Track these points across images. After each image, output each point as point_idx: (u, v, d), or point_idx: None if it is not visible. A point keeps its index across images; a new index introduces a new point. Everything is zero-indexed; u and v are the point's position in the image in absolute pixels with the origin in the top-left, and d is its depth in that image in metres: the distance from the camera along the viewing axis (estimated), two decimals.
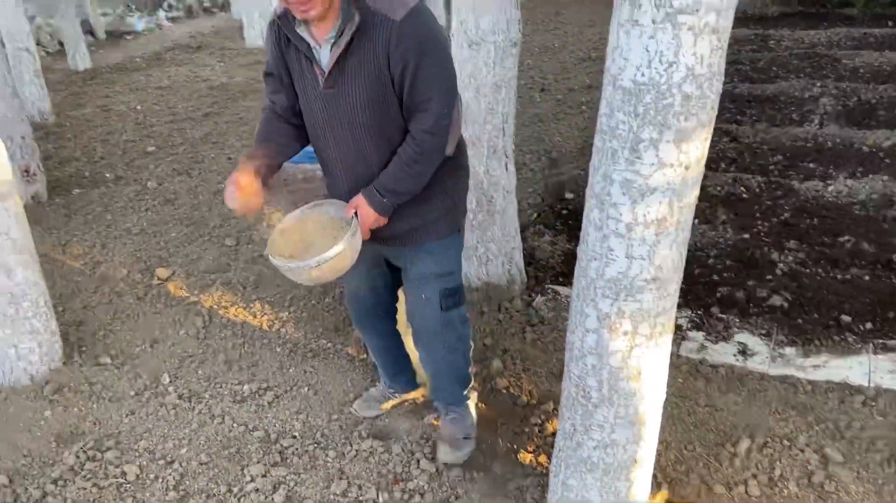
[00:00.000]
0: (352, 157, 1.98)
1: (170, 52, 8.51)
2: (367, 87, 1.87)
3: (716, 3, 1.36)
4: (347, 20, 1.81)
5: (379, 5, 1.82)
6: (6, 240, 2.57)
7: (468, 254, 3.18)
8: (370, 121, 1.91)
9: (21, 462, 2.39)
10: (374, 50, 1.83)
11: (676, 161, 1.48)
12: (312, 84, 1.93)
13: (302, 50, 1.90)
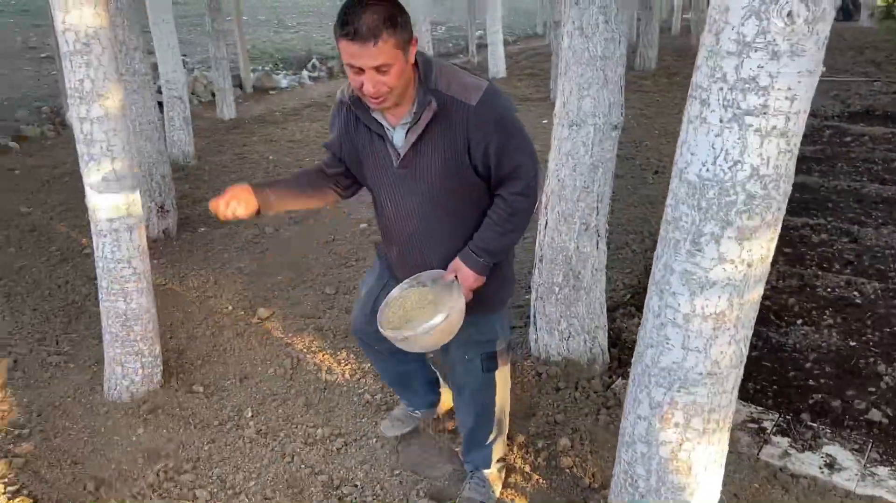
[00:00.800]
0: (419, 228, 2.09)
1: (307, 109, 9.12)
2: (442, 166, 1.97)
3: (785, 107, 1.38)
4: (425, 105, 1.90)
5: (452, 90, 1.91)
6: (128, 268, 2.84)
7: (550, 327, 3.21)
8: (442, 197, 2.02)
9: (108, 472, 2.59)
10: (451, 133, 1.93)
11: (738, 258, 1.49)
12: (385, 163, 2.03)
13: (374, 129, 2.00)
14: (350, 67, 1.80)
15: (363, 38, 1.72)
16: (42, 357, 3.38)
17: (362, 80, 1.80)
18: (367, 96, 1.85)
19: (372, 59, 1.75)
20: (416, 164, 1.99)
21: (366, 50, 1.74)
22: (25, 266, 4.40)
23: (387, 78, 1.79)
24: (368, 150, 2.06)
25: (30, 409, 2.97)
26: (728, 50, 1.38)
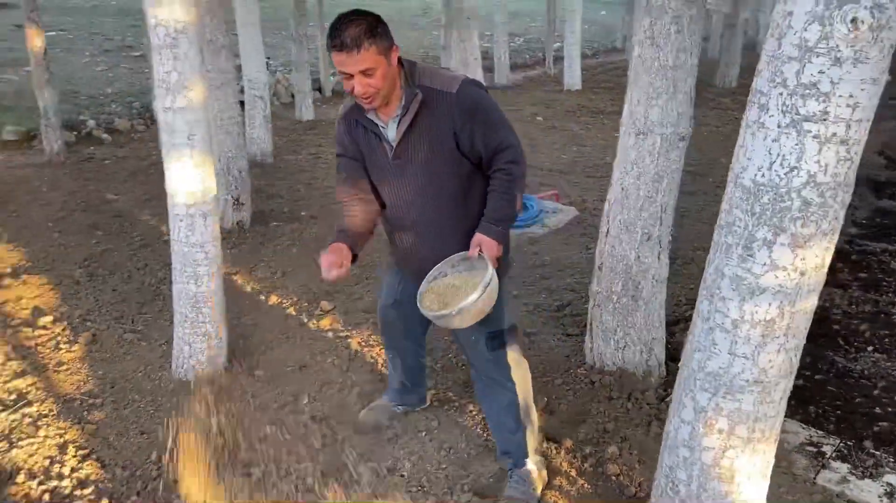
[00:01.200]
0: (417, 216, 2.29)
1: None
2: (431, 153, 2.19)
3: (846, 114, 1.37)
4: (411, 98, 2.14)
5: (435, 83, 2.16)
6: (200, 252, 2.99)
7: (606, 335, 3.20)
8: (434, 184, 2.23)
9: (171, 445, 2.72)
10: (437, 121, 2.16)
11: (791, 265, 1.48)
12: (383, 158, 2.26)
13: (370, 129, 2.24)
14: (342, 74, 2.08)
15: (348, 48, 2.00)
16: (118, 334, 3.57)
17: (353, 84, 2.07)
18: (358, 97, 2.11)
19: (357, 65, 2.02)
20: (407, 154, 2.22)
21: (351, 58, 2.01)
22: (109, 250, 4.64)
23: (373, 80, 2.06)
24: (368, 149, 2.30)
25: (104, 381, 3.15)
26: (789, 55, 1.38)
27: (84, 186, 5.95)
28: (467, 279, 2.18)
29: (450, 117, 2.15)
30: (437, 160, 2.20)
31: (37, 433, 2.78)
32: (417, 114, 2.15)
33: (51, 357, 3.34)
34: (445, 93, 2.15)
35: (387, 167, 2.27)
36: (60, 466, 2.60)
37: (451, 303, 2.12)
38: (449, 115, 2.15)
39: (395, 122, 2.20)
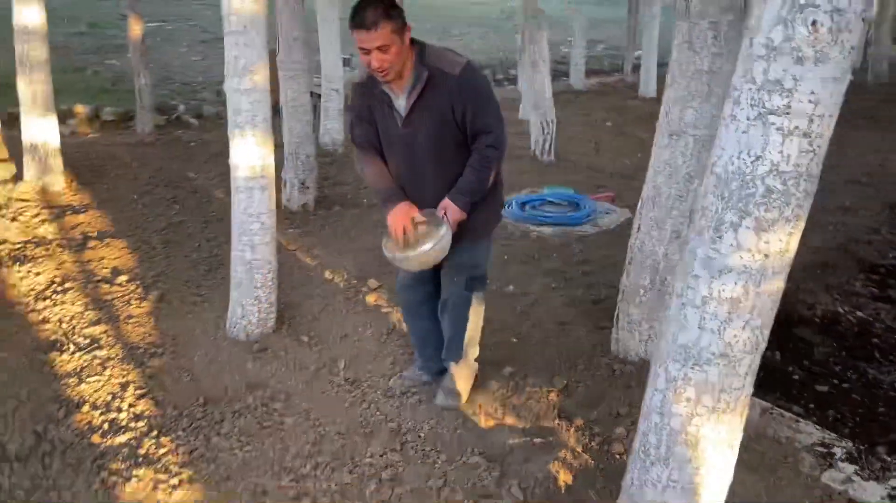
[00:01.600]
0: (420, 177, 2.68)
1: None
2: (433, 124, 2.58)
3: (808, 109, 1.50)
4: (419, 75, 2.51)
5: (440, 64, 2.52)
6: (256, 222, 3.28)
7: (631, 327, 3.32)
8: (435, 149, 2.62)
9: (218, 393, 3.02)
10: (440, 97, 2.52)
11: (755, 248, 1.61)
12: (394, 126, 2.64)
13: (385, 101, 2.61)
14: (361, 50, 2.42)
15: (367, 27, 2.36)
16: (183, 295, 3.91)
17: (370, 59, 2.42)
18: (374, 70, 2.46)
19: (374, 42, 2.38)
20: (414, 124, 2.59)
21: (369, 35, 2.37)
22: (184, 221, 5.04)
23: (387, 56, 2.41)
24: (381, 116, 2.67)
25: (166, 334, 3.48)
26: (758, 53, 1.52)
27: (169, 164, 6.41)
28: (427, 231, 2.60)
29: (450, 95, 2.51)
30: (439, 130, 2.58)
31: (103, 373, 3.13)
32: (424, 89, 2.51)
33: (122, 310, 3.71)
34: (449, 74, 2.50)
35: (396, 133, 2.64)
36: (120, 401, 2.93)
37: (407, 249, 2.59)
38: (449, 93, 2.51)
39: (405, 95, 2.56)
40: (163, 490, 2.46)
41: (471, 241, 2.77)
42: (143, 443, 2.69)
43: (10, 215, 4.84)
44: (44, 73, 5.24)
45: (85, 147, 6.77)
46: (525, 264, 4.63)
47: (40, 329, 3.47)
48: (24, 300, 3.74)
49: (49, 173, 5.35)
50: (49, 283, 3.93)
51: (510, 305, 3.97)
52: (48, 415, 2.82)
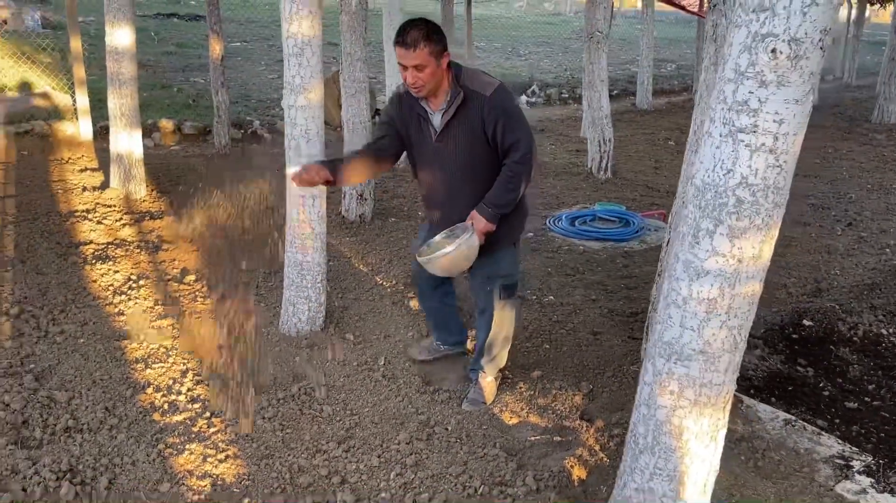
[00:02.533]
0: (450, 188, 2.91)
1: None
2: (465, 140, 2.82)
3: (773, 128, 1.66)
4: (455, 96, 2.76)
5: (474, 86, 2.76)
6: (308, 226, 3.57)
7: None
8: (466, 163, 2.86)
9: (267, 381, 3.30)
10: (472, 116, 2.77)
11: (729, 253, 1.77)
12: (427, 140, 2.88)
13: (420, 114, 2.86)
14: (400, 66, 2.70)
15: (407, 46, 2.63)
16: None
17: (406, 75, 2.70)
18: (409, 86, 2.73)
19: (412, 61, 2.65)
20: (447, 139, 2.83)
21: (409, 54, 2.64)
22: (252, 228, 5.41)
23: (422, 74, 2.68)
24: (414, 130, 2.92)
25: (225, 329, 3.80)
26: (728, 77, 1.69)
27: (241, 176, 6.84)
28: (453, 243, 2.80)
29: (481, 113, 2.75)
30: (470, 146, 2.81)
31: (167, 360, 3.47)
32: (458, 108, 2.76)
33: (188, 306, 4.06)
34: (482, 95, 2.75)
35: (429, 147, 2.89)
36: (180, 386, 3.25)
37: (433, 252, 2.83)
38: (481, 112, 2.75)
39: (440, 112, 2.82)
40: (210, 462, 2.74)
41: (496, 250, 2.96)
42: (197, 422, 2.99)
43: (97, 219, 5.31)
44: (131, 90, 5.73)
45: (166, 158, 7.30)
46: (568, 276, 4.79)
47: (115, 320, 3.85)
48: (103, 294, 4.14)
49: (132, 181, 5.83)
50: (126, 280, 4.32)
51: (547, 314, 4.14)
52: (117, 395, 3.16)
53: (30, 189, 5.92)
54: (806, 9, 1.55)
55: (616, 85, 13.00)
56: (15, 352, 3.45)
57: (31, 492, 2.50)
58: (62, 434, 2.87)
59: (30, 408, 2.99)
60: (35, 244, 4.77)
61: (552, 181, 7.20)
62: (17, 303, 3.93)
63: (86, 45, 8.00)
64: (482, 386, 3.22)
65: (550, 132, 9.73)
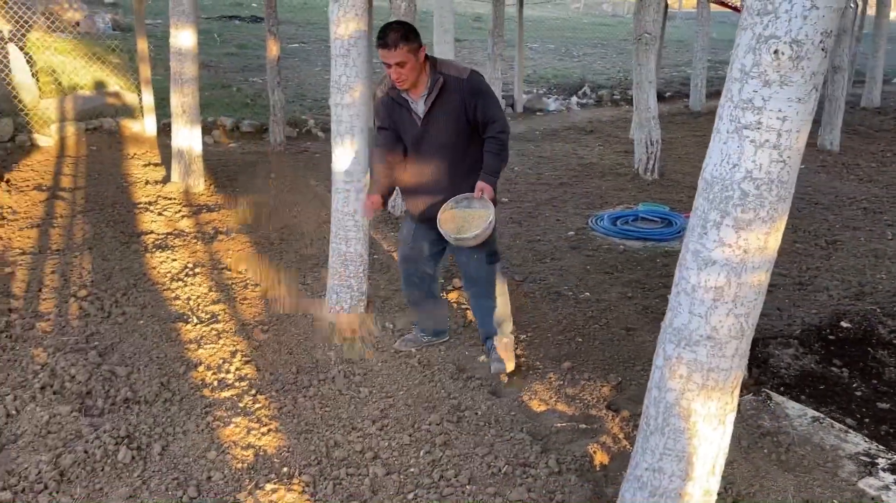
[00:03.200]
0: (438, 165, 3.24)
1: (565, 131, 9.82)
2: (447, 121, 3.16)
3: (776, 125, 1.75)
4: (435, 81, 3.11)
5: (451, 71, 3.14)
6: (351, 220, 3.75)
7: None
8: (450, 139, 3.20)
9: (309, 364, 3.50)
10: (452, 98, 3.12)
11: (735, 243, 1.86)
12: (412, 126, 3.22)
13: (405, 105, 3.20)
14: (384, 64, 3.04)
15: (388, 47, 2.99)
16: (291, 283, 4.46)
17: (391, 72, 3.05)
18: (394, 80, 3.08)
19: (393, 58, 3.00)
20: (431, 121, 3.17)
21: (390, 53, 3.00)
22: (300, 222, 5.64)
23: (404, 70, 3.04)
24: (401, 120, 3.25)
25: (272, 315, 4.02)
26: (735, 77, 1.78)
27: (295, 172, 7.11)
28: (471, 212, 3.15)
29: (461, 95, 3.11)
30: (454, 123, 3.16)
31: (217, 341, 3.70)
32: (440, 92, 3.11)
33: (239, 293, 4.29)
34: (459, 78, 3.12)
35: (416, 131, 3.22)
36: (229, 365, 3.47)
37: (464, 229, 3.11)
38: (460, 94, 3.11)
39: (422, 99, 3.15)
40: (254, 435, 2.94)
41: None
42: (243, 398, 3.20)
43: (158, 210, 5.62)
44: (192, 89, 6.04)
45: (224, 155, 7.62)
46: (606, 274, 4.87)
47: (172, 304, 4.10)
48: (161, 280, 4.41)
49: (191, 176, 6.14)
50: (182, 268, 4.59)
51: (582, 310, 4.24)
52: (172, 371, 3.40)
53: (98, 181, 6.29)
54: (806, 12, 1.64)
55: (670, 86, 12.92)
56: (81, 330, 3.73)
57: (92, 454, 2.74)
58: (121, 404, 3.11)
59: (93, 381, 3.25)
60: (101, 233, 5.09)
61: (597, 181, 7.26)
62: (85, 286, 4.22)
63: (152, 47, 8.41)
64: (496, 346, 3.49)
65: (599, 133, 9.77)
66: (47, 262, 4.55)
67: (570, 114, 11.08)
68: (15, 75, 7.53)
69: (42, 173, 6.42)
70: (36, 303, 4.02)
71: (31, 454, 2.74)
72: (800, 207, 6.46)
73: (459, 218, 3.16)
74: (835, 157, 8.60)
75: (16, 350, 3.48)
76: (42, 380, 3.21)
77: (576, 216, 6.12)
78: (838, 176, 7.77)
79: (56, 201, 5.69)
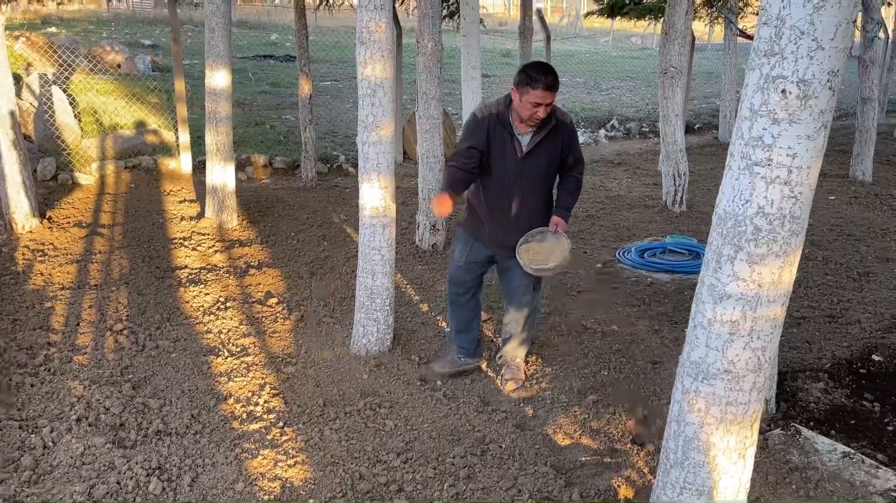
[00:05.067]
0: (519, 197, 3.45)
1: (593, 164, 9.84)
2: (547, 159, 3.43)
3: (787, 161, 1.78)
4: (548, 122, 3.35)
5: (557, 115, 3.38)
6: (377, 254, 3.83)
7: None
8: (540, 178, 3.47)
9: (335, 397, 3.55)
10: (556, 139, 3.41)
11: (749, 278, 1.89)
12: (512, 155, 3.40)
13: (508, 134, 3.38)
14: (536, 105, 3.21)
15: (551, 89, 3.21)
16: (320, 317, 4.54)
17: (538, 111, 3.25)
18: (538, 119, 3.29)
19: (548, 100, 3.24)
20: (532, 157, 3.40)
21: (550, 95, 3.22)
22: (330, 256, 5.75)
23: (548, 109, 3.29)
24: (500, 145, 3.41)
25: (300, 347, 4.10)
26: (744, 115, 1.83)
27: (325, 207, 7.24)
28: (546, 245, 3.35)
29: (563, 137, 3.43)
30: (549, 164, 3.45)
31: (247, 374, 3.77)
32: (549, 132, 3.38)
33: (269, 326, 4.38)
34: (564, 122, 3.44)
35: (514, 161, 3.40)
36: (258, 398, 3.54)
37: (541, 260, 3.32)
38: (563, 136, 3.43)
39: (529, 134, 3.38)
40: (281, 467, 2.99)
41: None
42: (271, 431, 3.26)
43: (192, 245, 5.77)
44: (226, 127, 6.22)
45: (257, 191, 7.80)
46: (633, 307, 4.87)
47: (204, 337, 4.20)
48: (194, 314, 4.52)
49: (225, 211, 6.30)
50: (215, 302, 4.70)
51: (608, 342, 4.24)
52: (202, 404, 3.48)
53: (135, 218, 6.48)
54: (812, 53, 1.69)
55: (699, 118, 12.91)
56: (116, 363, 3.84)
57: (124, 485, 2.81)
58: (153, 436, 3.19)
59: (126, 413, 3.34)
60: (137, 268, 5.24)
61: (626, 213, 7.27)
62: (120, 320, 4.35)
63: (189, 86, 8.68)
64: (519, 366, 3.75)
65: (627, 165, 9.78)
66: (85, 297, 4.70)
67: (598, 146, 11.12)
68: (58, 116, 7.84)
69: (82, 210, 6.64)
70: (74, 336, 4.15)
71: (66, 485, 2.82)
72: (831, 239, 6.40)
73: (534, 250, 3.36)
74: (867, 187, 8.51)
75: (54, 383, 3.59)
76: (78, 413, 3.31)
77: (603, 249, 6.13)
78: (870, 207, 7.68)
79: (95, 237, 5.88)
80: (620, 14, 11.24)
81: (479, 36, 6.56)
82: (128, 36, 19.07)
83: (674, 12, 7.07)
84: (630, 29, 28.66)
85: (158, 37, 19.37)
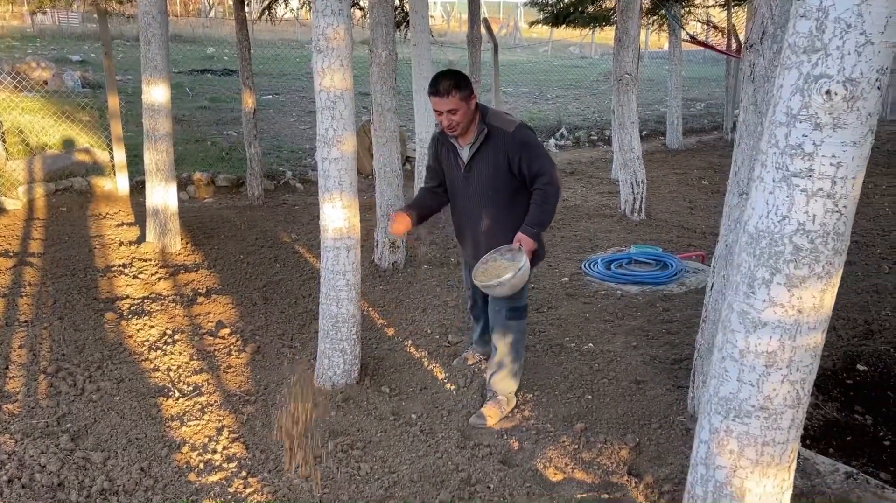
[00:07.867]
0: (474, 213, 3.30)
1: None
2: (489, 171, 3.19)
3: (830, 172, 1.58)
4: (480, 132, 3.17)
5: (497, 123, 3.17)
6: (342, 279, 3.53)
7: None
8: (488, 190, 3.23)
9: (303, 438, 3.23)
10: (495, 149, 3.16)
11: (788, 303, 1.67)
12: (457, 171, 3.30)
13: (452, 150, 3.29)
14: (436, 111, 3.12)
15: (441, 94, 3.06)
16: (278, 348, 4.20)
17: (442, 119, 3.13)
18: (445, 128, 3.17)
19: (445, 106, 3.07)
20: (474, 170, 3.24)
21: (442, 101, 3.07)
22: (284, 279, 5.40)
23: (455, 117, 3.11)
24: (447, 163, 3.34)
25: (259, 384, 3.76)
26: (780, 120, 1.62)
27: (274, 227, 6.87)
28: (508, 264, 3.11)
29: (505, 147, 3.14)
30: (493, 176, 3.19)
31: (202, 417, 3.42)
32: (483, 143, 3.17)
33: (223, 360, 4.02)
34: (504, 131, 3.15)
35: (459, 177, 3.30)
36: (215, 444, 3.19)
37: (492, 277, 3.08)
38: (504, 145, 3.14)
39: (469, 147, 3.22)
40: None
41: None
42: (233, 482, 2.92)
43: (133, 273, 5.35)
44: (167, 145, 5.82)
45: (200, 211, 7.37)
46: (607, 322, 4.68)
47: (151, 376, 3.82)
48: (139, 350, 4.13)
49: (167, 234, 5.88)
50: (161, 335, 4.31)
51: (587, 362, 4.03)
52: (153, 454, 3.11)
53: (69, 245, 5.99)
54: (860, 48, 1.49)
55: (645, 125, 12.94)
56: (52, 411, 3.43)
57: None
58: (98, 496, 2.82)
59: (66, 470, 2.95)
60: (73, 300, 4.80)
61: (585, 224, 7.12)
62: (55, 360, 3.93)
63: (123, 103, 8.20)
64: (488, 406, 3.43)
65: (581, 174, 9.67)
66: (14, 335, 4.25)
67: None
68: None
69: (9, 238, 6.12)
70: (2, 381, 3.71)
71: None
72: None
73: (492, 269, 3.16)
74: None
75: None
76: (9, 473, 2.91)
77: (567, 261, 5.94)
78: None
79: (24, 268, 5.39)
80: (566, 23, 11.19)
81: (429, 45, 6.34)
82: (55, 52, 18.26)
83: (626, 18, 6.98)
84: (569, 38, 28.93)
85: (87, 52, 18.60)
